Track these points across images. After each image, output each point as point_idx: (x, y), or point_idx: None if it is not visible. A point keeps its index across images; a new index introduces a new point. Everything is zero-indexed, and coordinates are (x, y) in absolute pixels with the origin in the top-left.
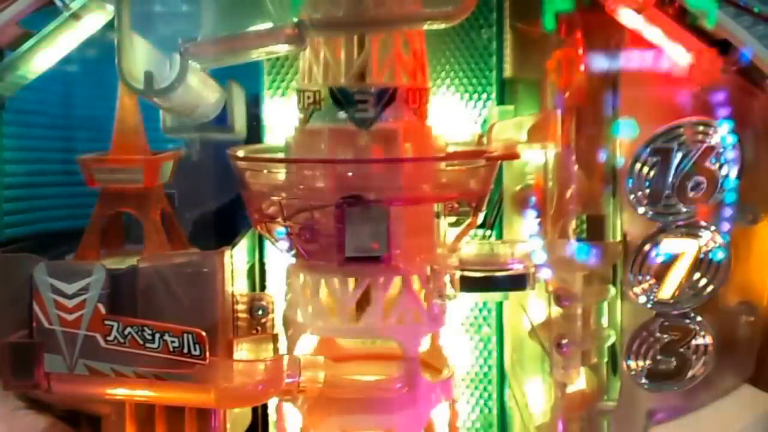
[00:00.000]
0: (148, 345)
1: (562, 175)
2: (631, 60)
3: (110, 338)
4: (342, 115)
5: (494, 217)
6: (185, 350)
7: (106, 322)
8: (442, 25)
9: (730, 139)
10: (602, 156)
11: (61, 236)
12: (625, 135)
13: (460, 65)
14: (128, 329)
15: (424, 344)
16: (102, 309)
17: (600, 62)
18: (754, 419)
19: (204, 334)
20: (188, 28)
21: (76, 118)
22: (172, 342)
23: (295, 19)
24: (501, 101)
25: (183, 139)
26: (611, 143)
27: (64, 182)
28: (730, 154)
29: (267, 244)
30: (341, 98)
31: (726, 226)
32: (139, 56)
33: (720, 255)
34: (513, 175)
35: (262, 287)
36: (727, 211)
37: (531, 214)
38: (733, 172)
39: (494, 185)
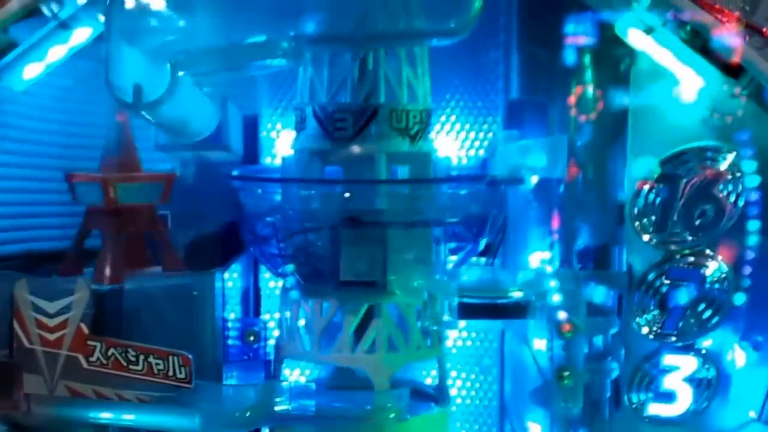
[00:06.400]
0: (132, 367)
1: (569, 204)
2: (639, 86)
3: (93, 359)
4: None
5: (497, 244)
6: (170, 373)
7: (89, 343)
8: (444, 42)
9: (740, 166)
10: (609, 183)
11: (52, 257)
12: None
13: (465, 87)
14: (111, 350)
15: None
16: (85, 329)
17: (611, 90)
18: None
19: (190, 357)
20: (180, 39)
21: (69, 134)
22: (157, 365)
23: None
24: (507, 125)
25: (178, 158)
26: (618, 171)
27: (57, 201)
28: (740, 182)
29: (262, 268)
30: (322, 117)
31: (734, 256)
32: (129, 68)
33: (726, 286)
34: (519, 201)
35: (257, 312)
36: (736, 241)
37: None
38: (742, 200)
39: (498, 211)
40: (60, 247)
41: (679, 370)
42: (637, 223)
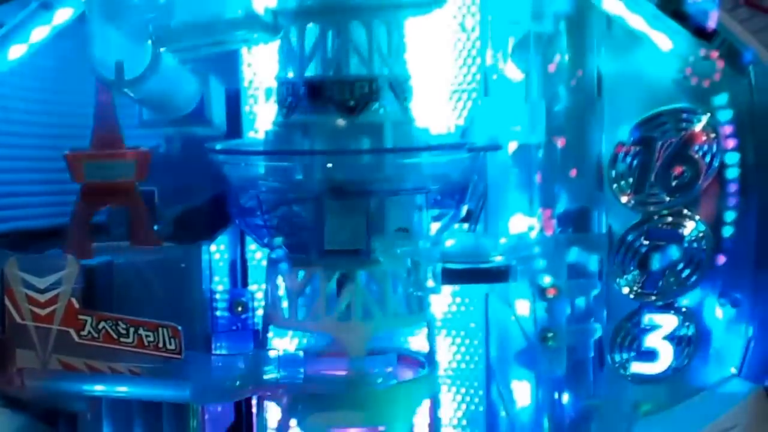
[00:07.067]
0: (122, 340)
1: (547, 167)
2: (614, 51)
3: (84, 333)
4: (325, 106)
5: (479, 210)
6: (160, 345)
7: (80, 317)
8: (423, 13)
9: (715, 127)
10: (587, 147)
11: (40, 234)
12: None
13: (443, 56)
14: (102, 324)
15: (411, 339)
16: (75, 303)
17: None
18: (740, 409)
19: (179, 328)
20: (161, 15)
21: (55, 114)
22: (147, 336)
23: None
24: (485, 93)
25: (162, 134)
26: (595, 134)
27: (43, 180)
28: (714, 142)
29: (249, 239)
30: (323, 90)
31: (711, 215)
32: (111, 46)
33: (705, 244)
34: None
35: (244, 283)
36: (712, 200)
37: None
38: (717, 160)
39: (478, 178)
40: (49, 224)
41: (660, 328)
42: (615, 186)
